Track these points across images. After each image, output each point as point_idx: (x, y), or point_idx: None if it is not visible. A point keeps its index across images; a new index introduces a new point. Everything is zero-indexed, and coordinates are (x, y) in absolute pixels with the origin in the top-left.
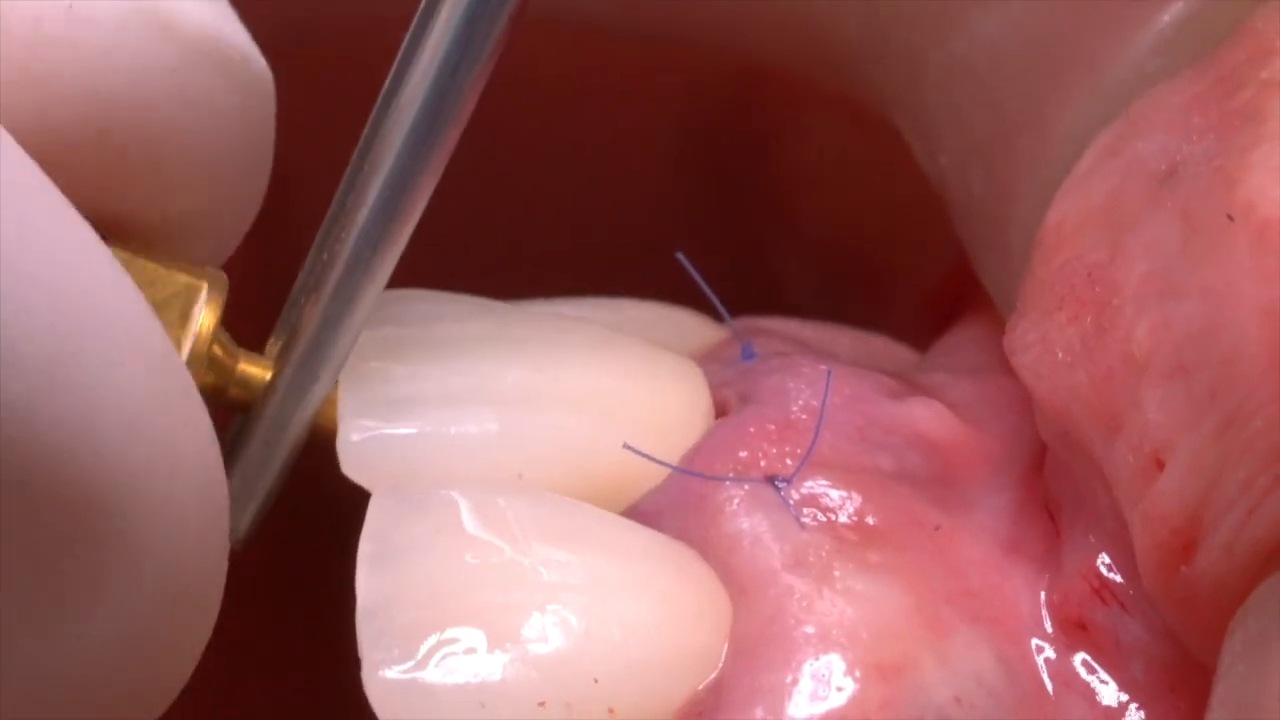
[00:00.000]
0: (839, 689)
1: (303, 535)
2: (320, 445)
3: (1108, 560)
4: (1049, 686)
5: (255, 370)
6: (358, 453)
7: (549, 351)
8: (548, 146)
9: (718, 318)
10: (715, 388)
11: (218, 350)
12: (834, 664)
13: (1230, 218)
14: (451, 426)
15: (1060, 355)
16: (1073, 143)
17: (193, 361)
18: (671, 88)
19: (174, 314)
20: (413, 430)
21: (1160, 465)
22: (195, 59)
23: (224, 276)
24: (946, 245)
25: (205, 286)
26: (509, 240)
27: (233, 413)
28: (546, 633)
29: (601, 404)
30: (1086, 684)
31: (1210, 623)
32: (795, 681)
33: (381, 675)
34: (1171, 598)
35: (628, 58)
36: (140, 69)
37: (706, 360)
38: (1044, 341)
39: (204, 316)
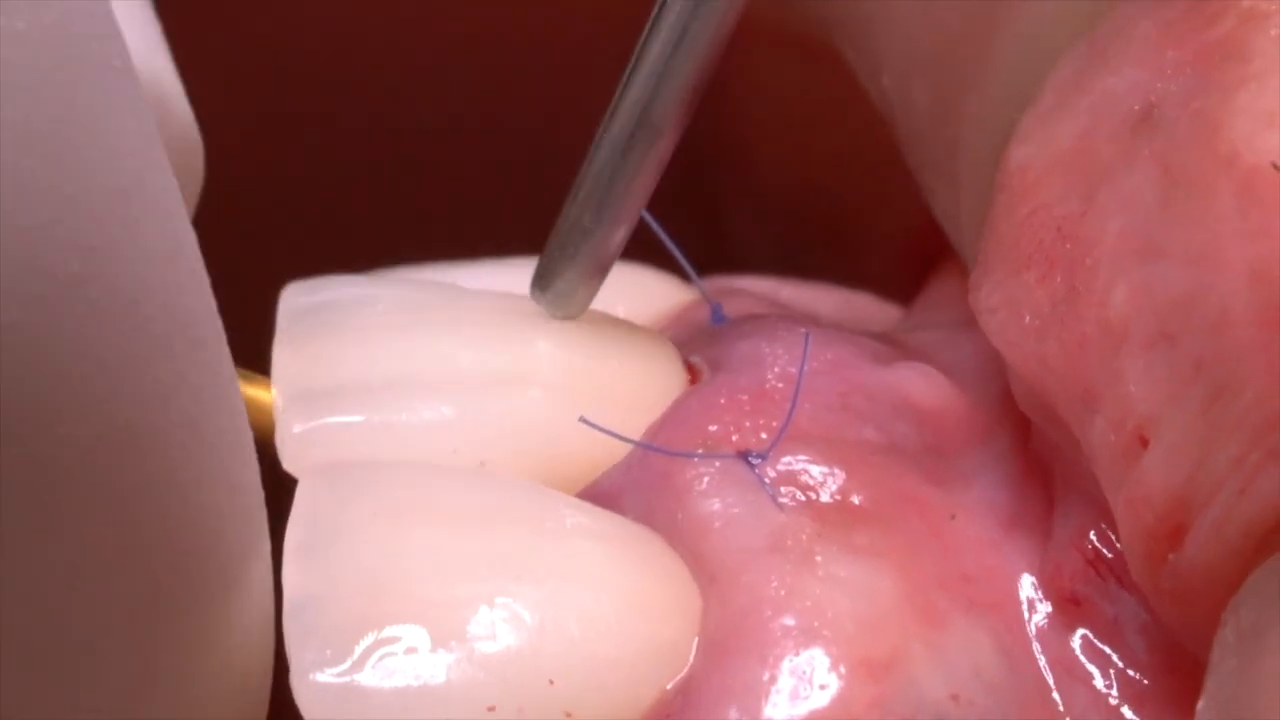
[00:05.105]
0: (822, 687)
1: None
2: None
3: (1101, 531)
4: (1049, 676)
5: None
6: (300, 446)
7: (506, 329)
8: (494, 104)
9: (684, 278)
10: (682, 355)
11: None
12: (816, 659)
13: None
14: (402, 413)
15: (1028, 320)
16: (1023, 50)
17: None
18: (615, 27)
19: None
20: (360, 418)
21: (1144, 443)
22: None
23: None
24: (917, 191)
25: None
26: (460, 197)
27: None
28: (496, 629)
29: (567, 383)
30: (1088, 671)
31: (1203, 615)
32: (773, 680)
33: (312, 679)
34: (1160, 589)
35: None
36: None
37: (672, 324)
38: (1010, 304)
39: None
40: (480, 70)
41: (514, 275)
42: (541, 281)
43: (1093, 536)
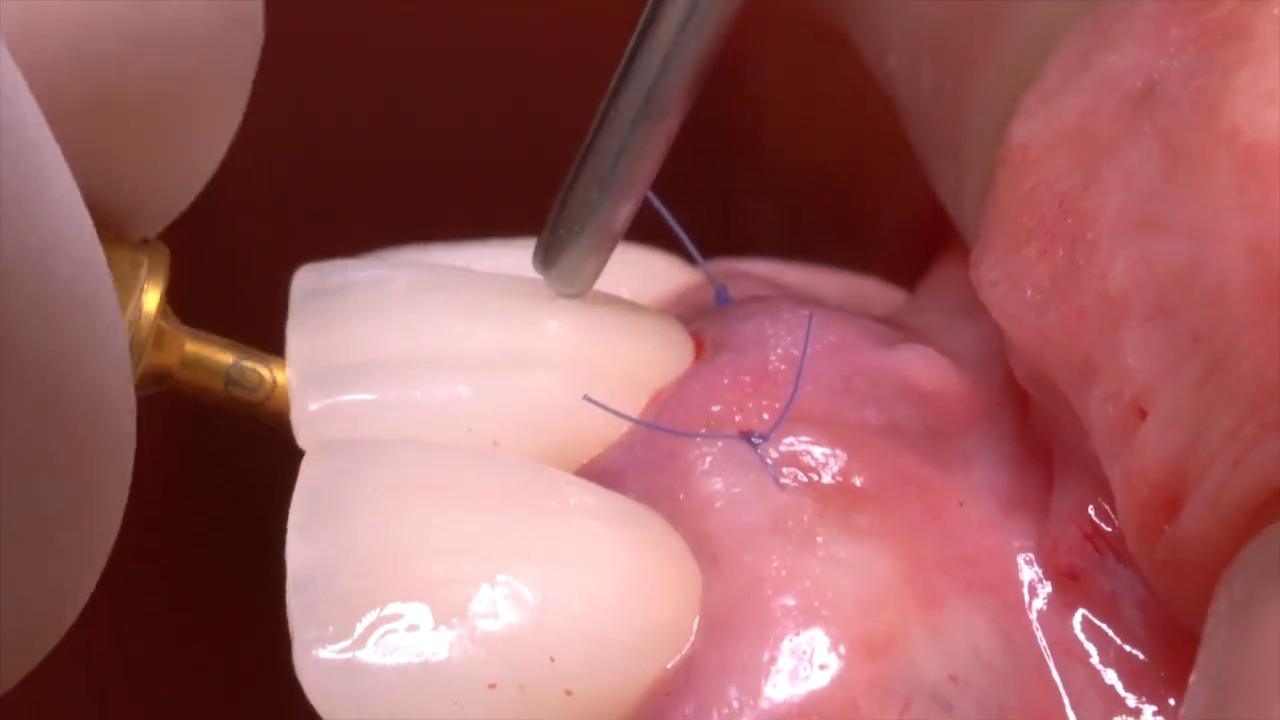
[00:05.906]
0: (821, 667)
1: (241, 522)
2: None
3: (1099, 506)
4: (1048, 655)
5: (204, 350)
6: (315, 423)
7: (518, 310)
8: (502, 83)
9: (688, 259)
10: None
11: (164, 325)
12: (816, 639)
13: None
14: (417, 391)
15: (1029, 293)
16: (1030, 29)
17: (135, 344)
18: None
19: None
20: (374, 396)
21: (1142, 415)
22: None
23: (165, 249)
24: (924, 176)
25: (145, 262)
26: (463, 176)
27: (177, 397)
28: (497, 607)
29: (579, 362)
30: (1085, 650)
31: (1198, 588)
32: (773, 659)
33: (314, 655)
34: (1155, 561)
35: None
36: None
37: (675, 305)
38: (1011, 278)
39: (147, 294)
40: (484, 61)
41: (522, 256)
42: (547, 257)
43: (1090, 511)
